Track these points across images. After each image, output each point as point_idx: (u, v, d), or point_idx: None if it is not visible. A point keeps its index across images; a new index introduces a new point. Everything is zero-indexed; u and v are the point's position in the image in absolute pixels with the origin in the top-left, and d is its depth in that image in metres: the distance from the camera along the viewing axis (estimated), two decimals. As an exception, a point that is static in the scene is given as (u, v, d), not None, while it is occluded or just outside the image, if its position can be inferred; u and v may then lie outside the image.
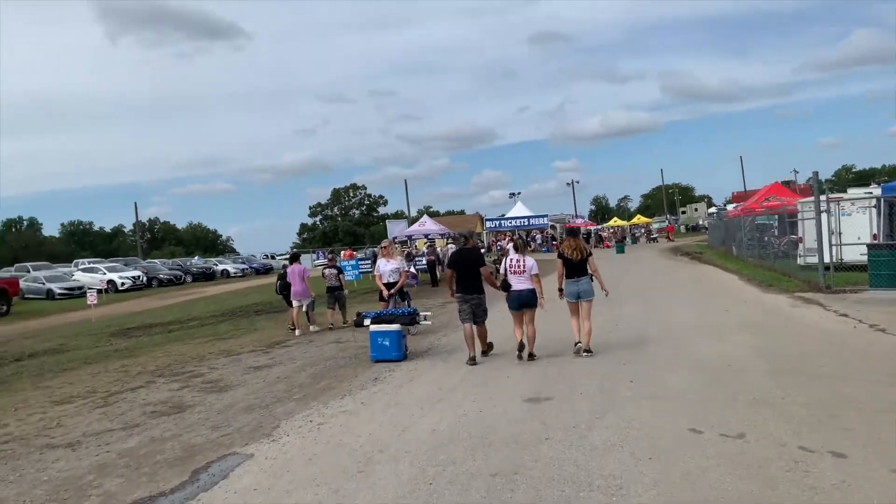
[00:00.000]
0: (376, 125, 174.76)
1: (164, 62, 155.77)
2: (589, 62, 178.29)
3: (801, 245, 19.21)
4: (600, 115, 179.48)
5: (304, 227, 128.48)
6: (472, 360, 9.15)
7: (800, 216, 18.71)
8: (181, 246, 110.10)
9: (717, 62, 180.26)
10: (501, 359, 9.42)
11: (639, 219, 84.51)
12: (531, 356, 9.01)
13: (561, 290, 9.31)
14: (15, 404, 8.96)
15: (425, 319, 10.43)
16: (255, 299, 26.37)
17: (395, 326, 9.90)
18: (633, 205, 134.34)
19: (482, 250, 34.29)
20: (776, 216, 28.14)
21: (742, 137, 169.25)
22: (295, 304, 13.90)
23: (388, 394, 7.81)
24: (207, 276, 44.79)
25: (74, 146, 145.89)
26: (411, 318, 10.06)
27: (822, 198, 14.20)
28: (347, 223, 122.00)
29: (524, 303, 9.05)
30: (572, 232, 10.00)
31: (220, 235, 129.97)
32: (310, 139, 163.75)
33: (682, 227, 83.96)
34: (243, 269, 48.58)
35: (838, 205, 18.49)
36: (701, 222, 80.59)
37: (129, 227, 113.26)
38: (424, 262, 27.43)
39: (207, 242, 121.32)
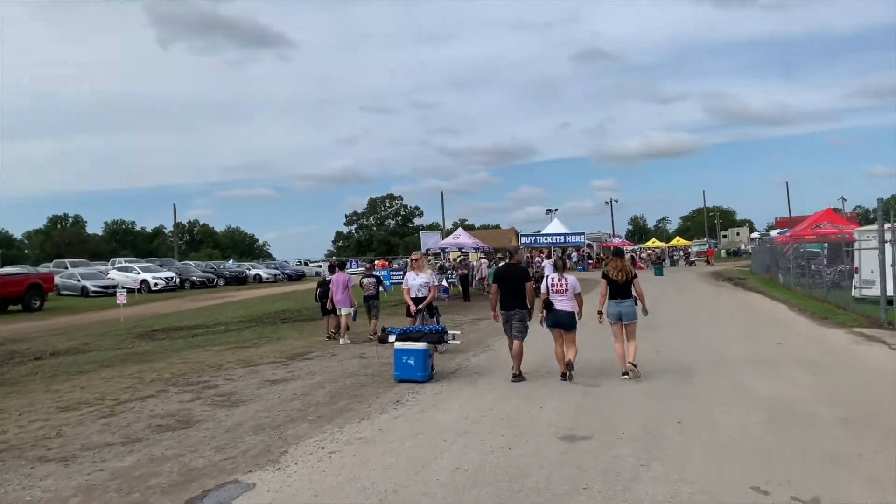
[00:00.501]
0: (416, 137, 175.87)
1: (213, 68, 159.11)
2: (632, 81, 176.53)
3: (856, 276, 18.09)
4: (641, 135, 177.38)
5: (339, 234, 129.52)
6: (517, 377, 9.14)
7: (857, 245, 17.60)
8: (218, 249, 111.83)
9: (764, 85, 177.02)
10: (535, 385, 8.73)
11: (678, 241, 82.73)
12: (569, 376, 8.91)
13: (601, 312, 9.17)
14: (21, 408, 8.56)
15: (454, 339, 9.79)
16: (283, 306, 26.05)
17: (421, 345, 9.27)
18: (672, 226, 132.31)
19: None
20: (825, 244, 26.96)
21: (787, 162, 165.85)
22: (342, 311, 13.68)
23: (409, 420, 7.17)
24: (240, 280, 44.84)
25: (123, 147, 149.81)
26: (439, 337, 9.43)
27: (887, 226, 13.15)
28: (382, 233, 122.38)
29: (559, 322, 8.99)
30: (618, 252, 9.81)
31: (257, 240, 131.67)
32: (350, 148, 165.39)
33: (723, 252, 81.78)
34: (275, 275, 48.57)
35: (900, 235, 17.38)
36: (743, 247, 78.37)
37: (169, 227, 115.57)
38: (456, 275, 26.80)
39: (244, 246, 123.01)
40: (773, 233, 69.52)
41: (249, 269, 48.62)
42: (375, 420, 7.22)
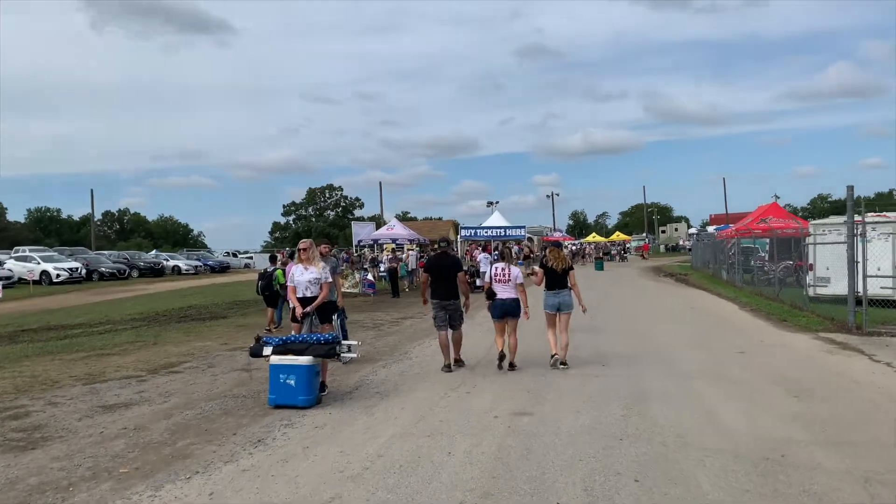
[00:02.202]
0: (359, 128, 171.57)
1: (149, 53, 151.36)
2: (573, 79, 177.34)
3: (810, 273, 16.85)
4: (582, 131, 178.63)
5: (276, 225, 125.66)
6: (448, 368, 9.06)
7: (811, 240, 16.33)
8: (150, 238, 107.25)
9: (700, 86, 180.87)
10: (453, 411, 6.72)
11: (618, 235, 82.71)
12: (512, 366, 8.97)
13: (529, 274, 9.59)
14: None
15: (349, 351, 7.67)
16: (192, 301, 23.37)
17: (305, 360, 7.15)
18: (612, 221, 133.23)
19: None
20: (767, 239, 26.01)
21: (720, 161, 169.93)
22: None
23: (261, 476, 5.04)
24: (156, 272, 41.45)
25: (52, 132, 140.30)
26: (329, 349, 7.31)
27: (857, 218, 11.71)
28: (322, 224, 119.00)
29: (508, 311, 9.05)
30: (557, 244, 10.00)
31: (192, 230, 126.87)
32: (291, 138, 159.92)
33: (662, 247, 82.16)
34: (196, 267, 45.30)
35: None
36: (681, 242, 78.79)
37: (97, 216, 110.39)
38: (385, 268, 24.70)
39: (178, 236, 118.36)
40: (710, 228, 69.93)
41: (167, 260, 45.14)
42: (213, 475, 5.07)
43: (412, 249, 29.15)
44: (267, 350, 7.33)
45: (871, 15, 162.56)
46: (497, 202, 64.29)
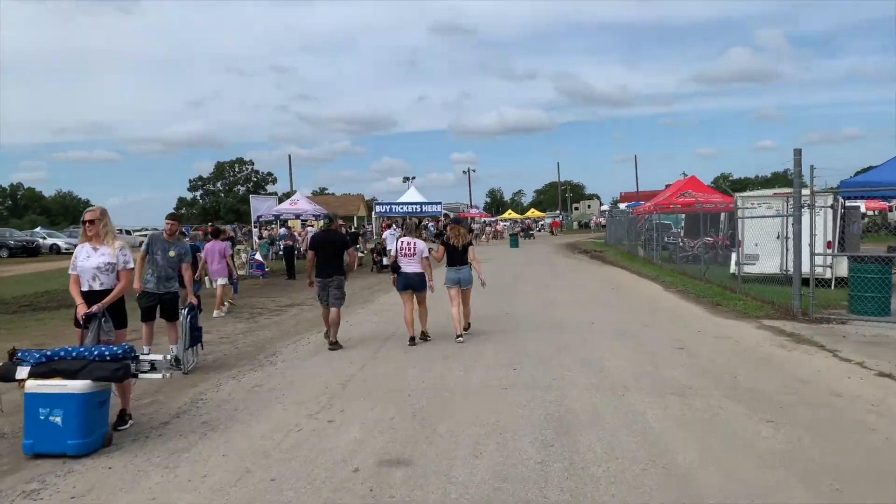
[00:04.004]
0: (274, 102, 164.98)
1: (45, 17, 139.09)
2: (488, 58, 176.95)
3: (738, 251, 15.63)
4: (497, 110, 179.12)
5: (182, 201, 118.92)
6: (331, 342, 8.91)
7: (739, 214, 15.04)
8: (46, 215, 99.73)
9: (610, 68, 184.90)
10: (280, 490, 4.57)
11: (532, 212, 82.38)
12: (425, 336, 9.16)
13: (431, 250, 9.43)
14: None
15: (154, 370, 5.31)
16: (54, 286, 20.05)
17: (78, 385, 4.81)
18: (527, 199, 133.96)
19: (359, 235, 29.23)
20: (681, 215, 25.08)
21: (629, 141, 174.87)
22: (218, 282, 13.00)
23: None
24: (29, 251, 36.81)
25: None
26: (118, 368, 4.97)
27: (806, 192, 10.25)
28: (231, 200, 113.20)
29: (411, 285, 9.05)
30: (457, 220, 10.19)
31: (93, 206, 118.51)
32: (202, 111, 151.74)
33: (575, 224, 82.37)
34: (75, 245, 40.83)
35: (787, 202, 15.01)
36: (594, 220, 79.12)
37: None
38: (280, 246, 22.13)
39: (77, 213, 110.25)
40: (622, 205, 70.41)
41: (44, 238, 40.36)
42: None
43: (311, 226, 26.60)
44: (21, 372, 4.93)
45: (768, 4, 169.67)
46: (413, 178, 62.16)
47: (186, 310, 7.75)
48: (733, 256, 15.99)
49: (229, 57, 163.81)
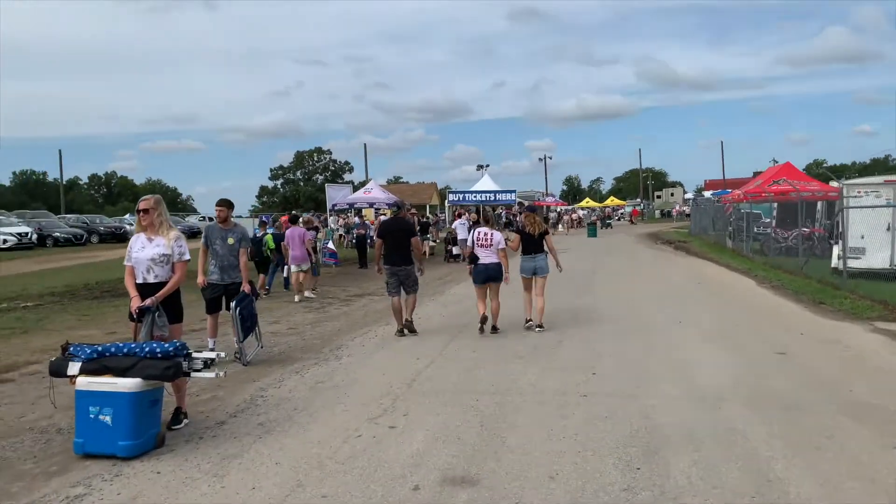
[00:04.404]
0: (351, 91, 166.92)
1: (138, 14, 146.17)
2: (566, 43, 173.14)
3: (842, 243, 14.31)
4: (576, 96, 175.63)
5: (263, 189, 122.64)
6: (401, 332, 8.94)
7: (843, 203, 13.71)
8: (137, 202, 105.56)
9: (693, 51, 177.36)
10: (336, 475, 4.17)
11: (612, 200, 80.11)
12: (494, 329, 8.92)
13: (506, 240, 9.36)
14: None
15: (206, 368, 5.01)
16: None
17: (128, 384, 4.57)
18: (605, 187, 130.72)
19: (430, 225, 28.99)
20: (773, 204, 23.37)
21: (714, 127, 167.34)
22: (294, 268, 13.29)
23: None
24: (118, 237, 38.42)
25: (39, 94, 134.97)
26: (169, 367, 4.70)
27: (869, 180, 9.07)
28: (310, 188, 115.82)
29: (491, 276, 8.94)
30: (532, 209, 10.10)
31: (181, 194, 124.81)
32: (283, 102, 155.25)
33: (658, 212, 79.55)
34: (164, 232, 42.41)
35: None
36: (677, 208, 76.14)
37: (84, 179, 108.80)
38: (354, 235, 22.07)
39: (167, 200, 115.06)
40: (707, 194, 67.37)
41: (131, 225, 42.15)
42: None
43: (384, 214, 26.46)
44: (73, 367, 4.73)
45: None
46: (487, 166, 61.37)
47: (235, 301, 7.46)
48: (835, 249, 14.67)
49: (308, 49, 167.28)
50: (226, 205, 7.77)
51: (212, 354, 5.03)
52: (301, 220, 15.68)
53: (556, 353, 7.64)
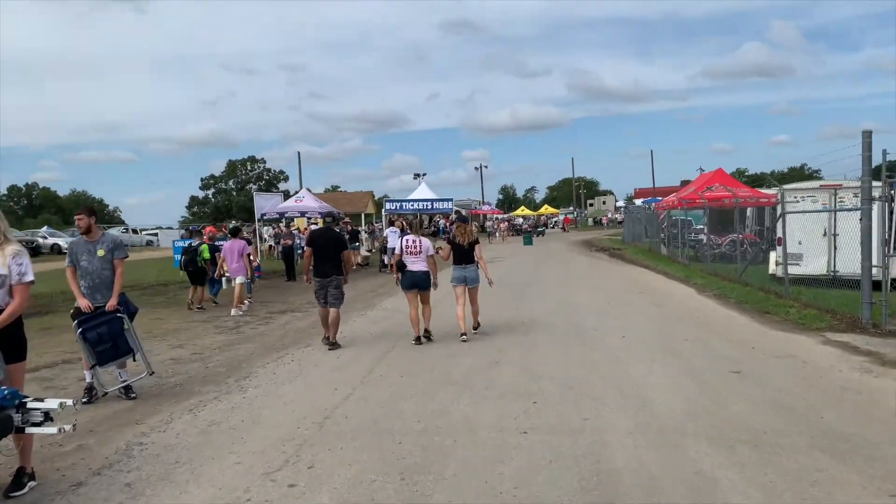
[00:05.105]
0: (286, 101, 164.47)
1: (60, 19, 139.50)
2: (499, 54, 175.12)
3: (777, 249, 14.09)
4: (510, 107, 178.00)
5: (194, 199, 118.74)
6: (328, 341, 8.79)
7: (780, 209, 13.49)
8: (60, 214, 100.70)
9: (623, 63, 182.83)
10: None
11: (546, 209, 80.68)
12: (427, 333, 8.90)
13: (437, 249, 9.39)
14: None
15: (49, 420, 3.89)
16: (42, 288, 18.85)
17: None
18: (540, 196, 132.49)
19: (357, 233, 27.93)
20: (704, 209, 23.39)
21: (643, 137, 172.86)
22: (237, 280, 12.96)
23: None
24: (29, 251, 35.80)
25: None
26: (-6, 422, 3.60)
27: (877, 183, 8.72)
28: (243, 198, 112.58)
29: (417, 283, 8.85)
30: (463, 219, 10.16)
31: (108, 205, 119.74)
32: (215, 111, 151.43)
33: (591, 220, 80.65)
34: (78, 245, 39.66)
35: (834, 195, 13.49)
36: (609, 216, 77.31)
37: (3, 189, 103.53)
38: (281, 246, 20.81)
39: None
40: (637, 202, 68.60)
41: (45, 238, 39.26)
42: None
43: (315, 223, 25.31)
44: None
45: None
46: (424, 174, 60.52)
47: (77, 323, 6.33)
48: (772, 255, 14.48)
49: (241, 56, 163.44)
50: (86, 212, 6.59)
51: (53, 403, 3.93)
52: (241, 232, 15.08)
53: (492, 375, 6.81)
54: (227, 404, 6.21)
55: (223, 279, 14.23)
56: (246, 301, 13.24)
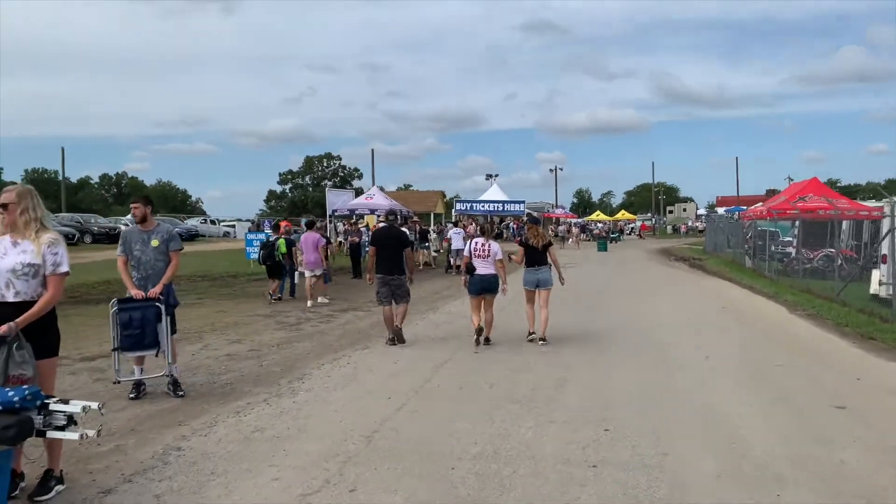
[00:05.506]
0: (365, 99, 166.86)
1: (155, 16, 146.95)
2: (580, 56, 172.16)
3: (881, 267, 12.84)
4: (588, 109, 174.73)
5: (272, 193, 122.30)
6: (392, 341, 8.69)
7: (888, 224, 12.24)
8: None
9: (707, 67, 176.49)
10: None
11: (623, 214, 78.57)
12: (487, 340, 8.67)
13: (510, 255, 9.45)
14: None
15: (71, 424, 3.61)
16: (115, 274, 19.43)
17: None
18: (616, 200, 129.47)
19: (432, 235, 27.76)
20: (796, 221, 21.79)
21: (726, 143, 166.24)
22: (307, 273, 13.35)
23: None
24: (112, 238, 37.24)
25: (53, 93, 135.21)
26: (10, 426, 3.33)
27: None
28: (318, 193, 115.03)
29: (486, 288, 8.73)
30: (534, 220, 9.92)
31: (191, 196, 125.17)
32: (297, 107, 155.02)
33: (669, 228, 77.90)
34: (159, 233, 41.12)
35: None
36: (690, 223, 74.47)
37: (95, 178, 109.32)
38: (348, 243, 20.72)
39: (176, 202, 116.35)
40: (720, 210, 65.76)
41: (127, 226, 40.81)
42: None
43: (383, 221, 25.19)
44: None
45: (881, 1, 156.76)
46: (496, 175, 59.83)
47: (116, 300, 6.10)
48: (875, 274, 13.21)
49: (323, 55, 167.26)
50: (142, 201, 6.41)
51: (76, 406, 3.62)
52: (316, 225, 15.29)
53: (558, 396, 6.23)
54: (275, 408, 5.88)
55: (298, 273, 14.45)
56: (321, 296, 13.41)
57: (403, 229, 11.07)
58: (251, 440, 5.02)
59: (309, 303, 12.87)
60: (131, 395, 6.19)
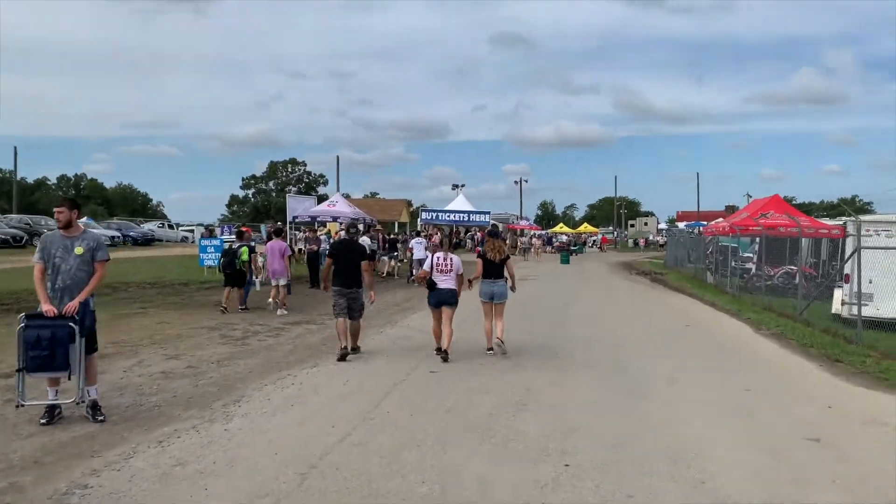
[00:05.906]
0: (333, 106, 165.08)
1: (123, 16, 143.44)
2: (547, 70, 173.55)
3: (844, 286, 12.73)
4: (554, 123, 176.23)
5: (234, 198, 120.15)
6: (343, 356, 8.37)
7: (853, 243, 12.13)
8: (105, 206, 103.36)
9: (672, 84, 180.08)
10: None
11: (585, 227, 79.05)
12: (446, 355, 8.43)
13: (470, 281, 9.09)
14: None
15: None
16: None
17: None
18: (579, 213, 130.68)
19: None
20: (754, 237, 21.88)
21: (688, 159, 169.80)
22: (273, 282, 13.27)
23: None
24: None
25: (18, 92, 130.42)
26: None
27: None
28: (281, 199, 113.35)
29: (443, 301, 8.69)
30: (494, 233, 9.78)
31: (151, 199, 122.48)
32: (264, 112, 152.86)
33: (630, 241, 78.66)
34: (113, 238, 39.61)
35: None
36: (651, 237, 75.29)
37: (53, 179, 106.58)
38: (306, 251, 20.04)
39: (136, 205, 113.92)
40: (681, 225, 66.62)
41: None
42: None
43: (340, 232, 24.59)
44: None
45: (837, 23, 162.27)
46: (463, 185, 59.46)
47: (25, 316, 5.51)
48: (837, 293, 13.10)
49: (292, 60, 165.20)
50: (68, 205, 5.81)
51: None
52: (284, 233, 15.16)
53: (516, 423, 5.77)
54: (203, 437, 5.30)
55: (255, 281, 14.13)
56: (282, 307, 13.08)
57: (365, 238, 10.76)
58: (169, 476, 4.45)
59: (278, 311, 12.76)
60: (43, 421, 5.55)
